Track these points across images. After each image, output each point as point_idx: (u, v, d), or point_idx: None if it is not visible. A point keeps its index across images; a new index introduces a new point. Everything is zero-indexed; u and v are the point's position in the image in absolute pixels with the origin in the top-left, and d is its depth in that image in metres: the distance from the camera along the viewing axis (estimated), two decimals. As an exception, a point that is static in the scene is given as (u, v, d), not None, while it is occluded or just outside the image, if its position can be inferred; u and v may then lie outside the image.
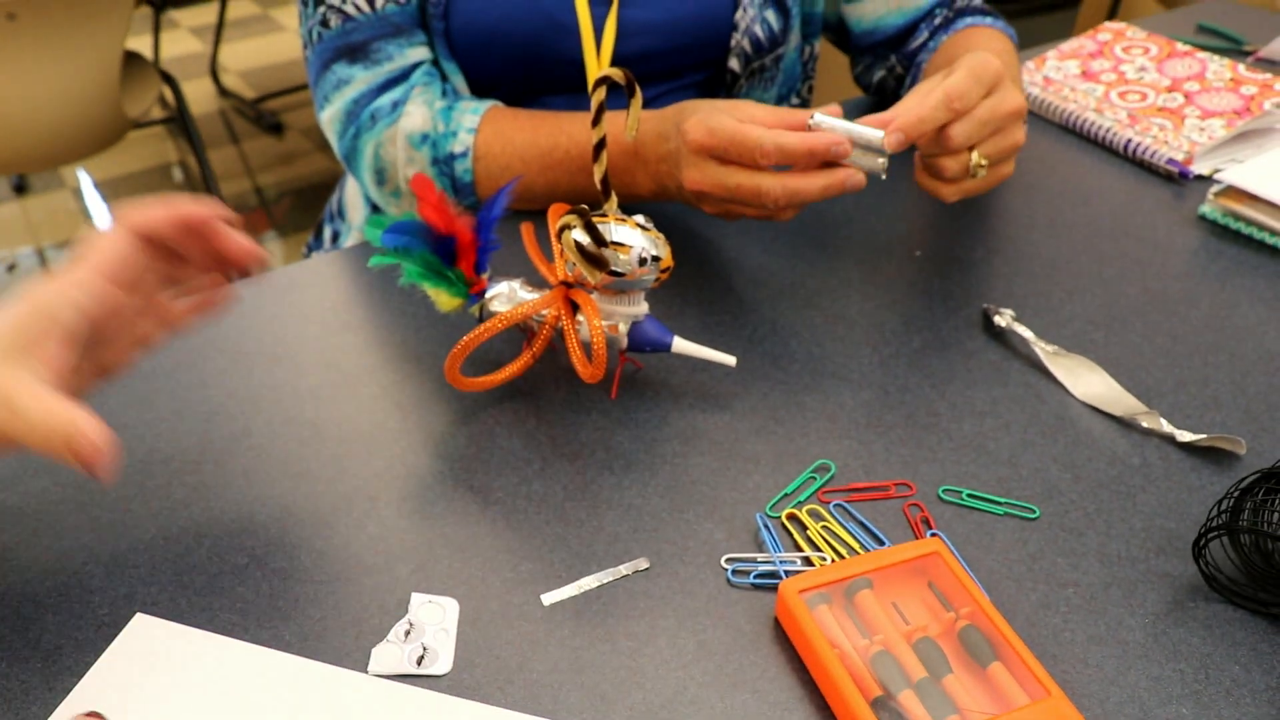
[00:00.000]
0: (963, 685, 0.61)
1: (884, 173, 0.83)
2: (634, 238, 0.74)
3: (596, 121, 0.73)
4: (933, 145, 0.85)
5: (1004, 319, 0.89)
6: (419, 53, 1.05)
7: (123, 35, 2.02)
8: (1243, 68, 1.25)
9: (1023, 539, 0.72)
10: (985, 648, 0.63)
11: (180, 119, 2.47)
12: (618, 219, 0.75)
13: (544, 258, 0.86)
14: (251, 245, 0.67)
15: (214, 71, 3.72)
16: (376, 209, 1.19)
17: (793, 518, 0.72)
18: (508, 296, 0.81)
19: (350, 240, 1.25)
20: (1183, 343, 0.89)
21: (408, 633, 0.64)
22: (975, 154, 0.85)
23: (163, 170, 3.25)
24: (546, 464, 0.77)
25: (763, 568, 0.69)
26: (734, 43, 1.10)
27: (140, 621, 0.65)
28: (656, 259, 0.75)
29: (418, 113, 1.01)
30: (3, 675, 0.62)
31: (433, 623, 0.65)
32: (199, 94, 3.65)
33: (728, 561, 0.69)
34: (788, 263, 0.99)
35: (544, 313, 0.79)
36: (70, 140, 2.07)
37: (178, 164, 3.29)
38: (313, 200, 3.09)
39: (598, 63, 1.07)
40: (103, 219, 3.00)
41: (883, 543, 0.71)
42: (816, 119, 0.83)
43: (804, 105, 1.29)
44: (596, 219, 0.74)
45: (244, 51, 4.01)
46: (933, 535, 0.71)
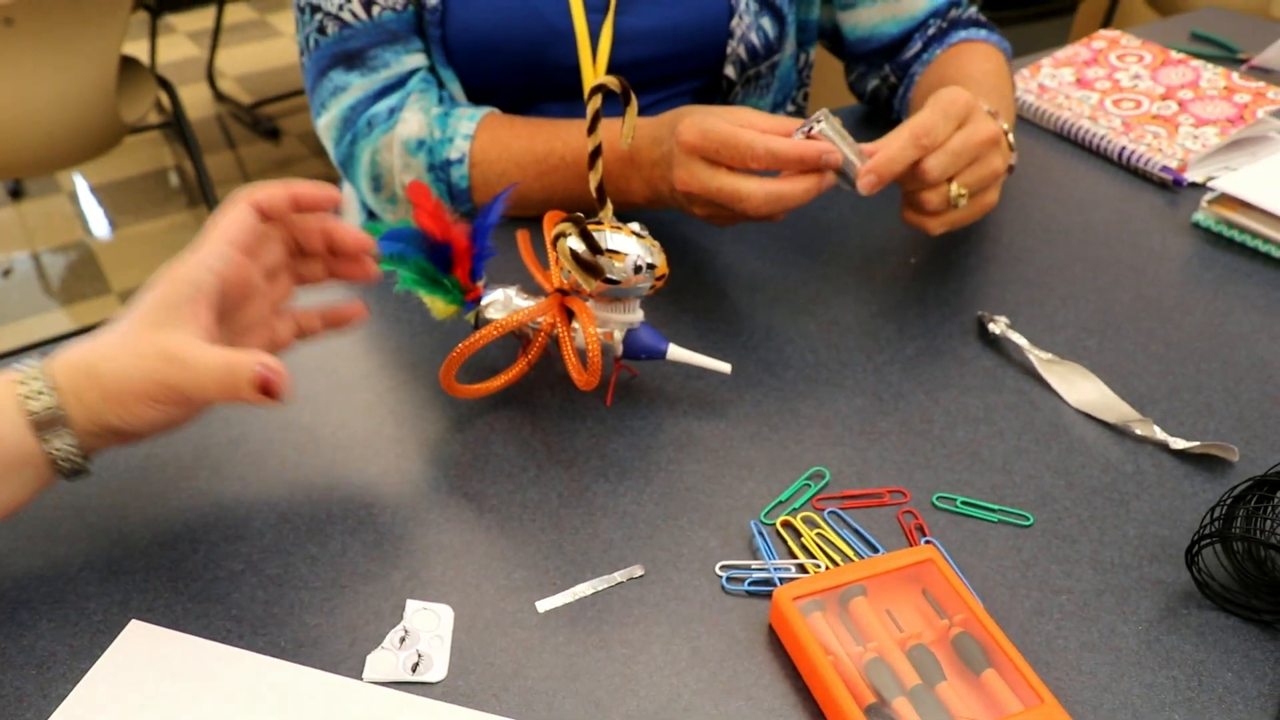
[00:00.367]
0: (956, 692, 0.61)
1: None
2: (629, 245, 0.74)
3: (592, 129, 0.73)
4: (911, 181, 0.86)
5: (998, 326, 0.89)
6: (415, 60, 1.05)
7: (119, 40, 2.02)
8: (1236, 76, 1.26)
9: (1016, 546, 0.72)
10: (979, 655, 0.63)
11: (177, 124, 2.47)
12: (613, 226, 0.75)
13: (539, 265, 0.86)
14: (361, 233, 0.74)
15: (211, 77, 3.72)
16: (372, 215, 1.19)
17: (787, 525, 0.73)
18: (503, 304, 0.81)
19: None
20: (1176, 350, 0.90)
21: (403, 639, 0.65)
22: (954, 185, 0.86)
23: (159, 175, 3.25)
24: (541, 471, 0.77)
25: (757, 575, 0.69)
26: (729, 50, 1.11)
27: (135, 628, 0.65)
28: (652, 266, 0.75)
29: (414, 119, 1.01)
30: (-3, 682, 0.62)
31: (428, 629, 0.65)
32: (196, 99, 3.65)
33: (722, 569, 0.70)
34: (782, 270, 0.99)
35: (539, 320, 0.79)
36: (66, 145, 2.07)
37: (174, 169, 3.29)
38: (309, 205, 3.09)
39: (594, 70, 1.07)
40: (98, 224, 3.00)
41: (877, 550, 0.71)
42: (819, 126, 0.83)
43: (799, 112, 1.29)
44: (592, 227, 0.74)
45: (241, 57, 4.01)
46: (927, 542, 0.71)
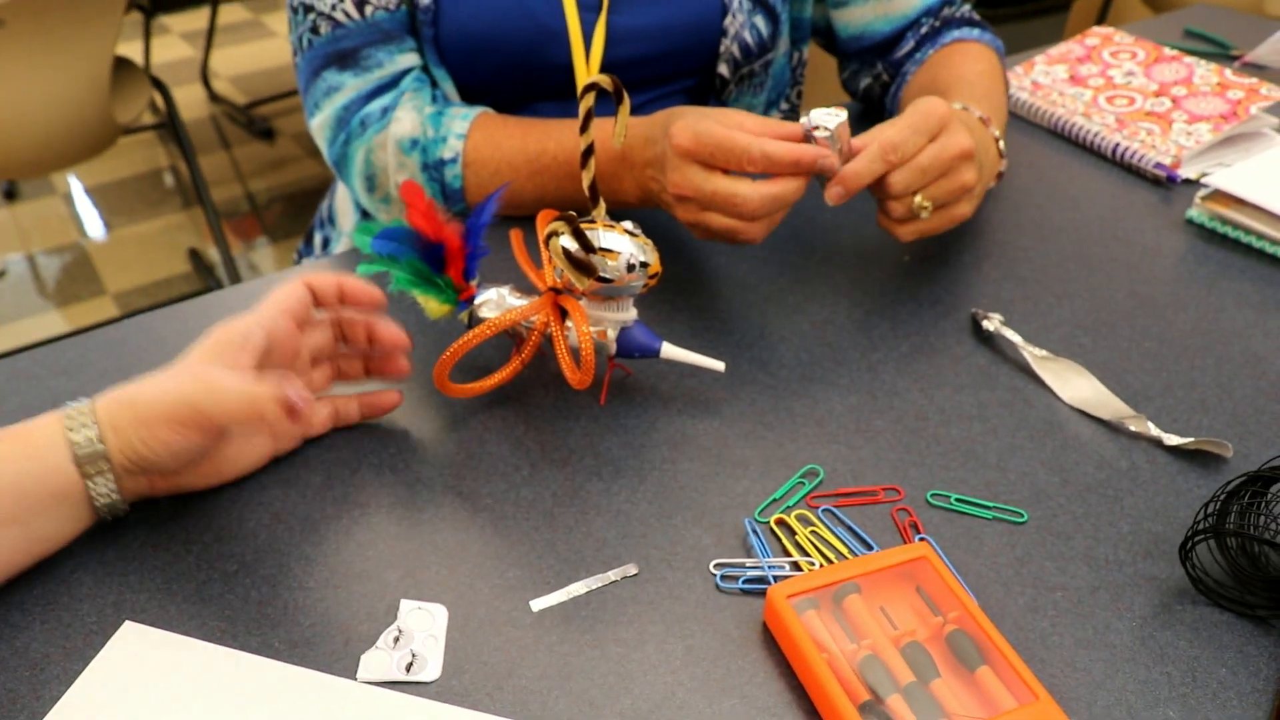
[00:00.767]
0: (950, 689, 0.61)
1: None
2: (622, 244, 0.74)
3: (584, 128, 0.73)
4: (878, 190, 0.87)
5: (992, 323, 0.89)
6: (409, 59, 1.05)
7: (113, 41, 2.02)
8: (1229, 72, 1.26)
9: (1010, 543, 0.72)
10: (973, 652, 0.63)
11: (171, 125, 2.46)
12: (606, 225, 0.75)
13: (533, 264, 0.86)
14: (399, 332, 0.80)
15: (205, 77, 3.72)
16: (367, 215, 1.19)
17: (781, 523, 0.73)
18: (496, 303, 0.81)
19: (340, 246, 1.25)
20: (1170, 346, 0.90)
21: (397, 639, 0.64)
22: (918, 197, 0.87)
23: (154, 176, 3.24)
24: (535, 470, 0.77)
25: (751, 573, 0.69)
26: (723, 48, 1.11)
27: (129, 629, 0.65)
28: (645, 265, 0.75)
29: (407, 118, 1.01)
30: (-10, 684, 0.62)
31: (421, 629, 0.65)
32: (190, 100, 3.65)
33: (716, 567, 0.70)
34: (776, 268, 0.99)
35: (533, 319, 0.79)
36: (61, 146, 2.06)
37: (169, 169, 3.29)
38: (304, 206, 3.09)
39: (587, 69, 1.07)
40: (93, 225, 3.00)
41: (871, 547, 0.71)
42: (824, 134, 0.84)
43: (793, 110, 1.29)
44: (584, 225, 0.74)
45: (235, 57, 4.01)
46: (921, 540, 0.71)
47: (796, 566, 0.69)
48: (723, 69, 1.12)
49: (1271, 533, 0.67)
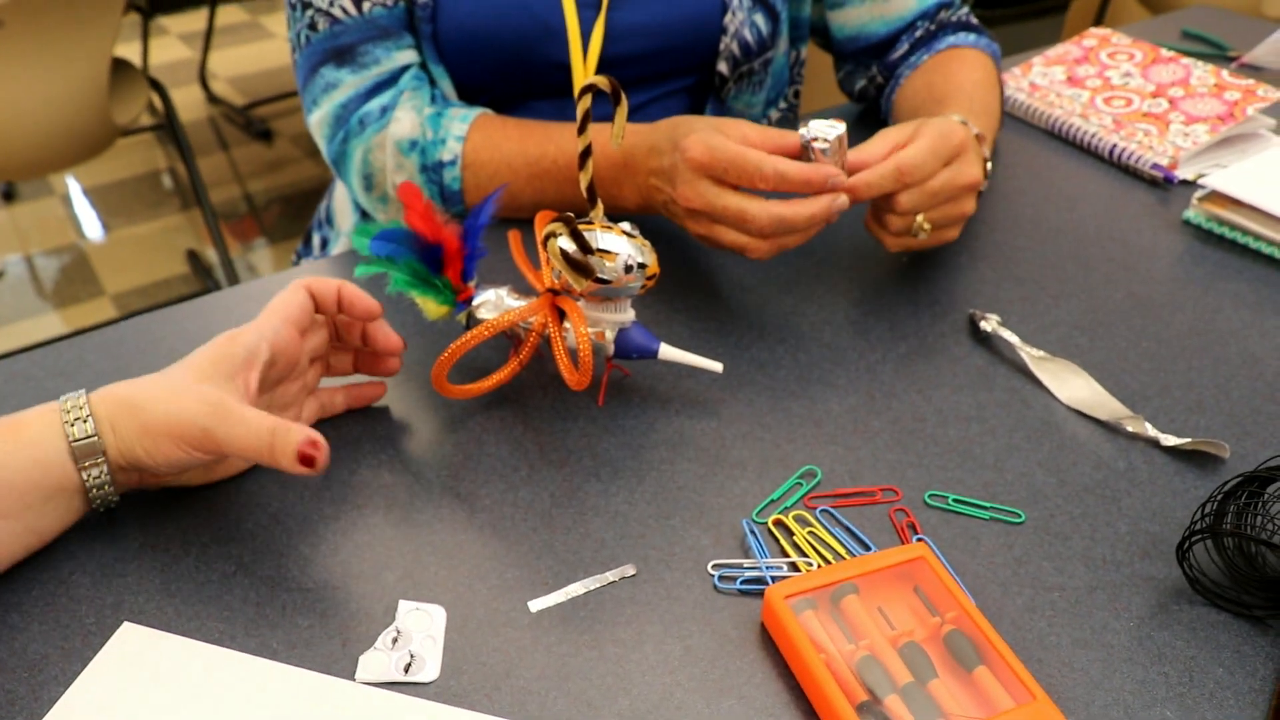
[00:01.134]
0: (948, 690, 0.61)
1: None
2: (620, 245, 0.74)
3: (582, 129, 0.73)
4: (882, 202, 0.88)
5: (990, 324, 0.90)
6: (407, 56, 1.05)
7: (111, 42, 2.02)
8: (1226, 73, 1.26)
9: (1008, 543, 0.72)
10: (970, 652, 0.63)
11: (169, 126, 2.46)
12: (604, 226, 0.75)
13: (531, 265, 0.86)
14: (395, 337, 0.80)
15: (203, 78, 3.72)
16: (366, 216, 1.19)
17: (779, 523, 0.73)
18: (494, 304, 0.81)
19: (339, 247, 1.25)
20: (1167, 347, 0.90)
21: (395, 640, 0.65)
22: (920, 217, 0.88)
23: (152, 177, 3.24)
24: (534, 471, 0.77)
25: (749, 573, 0.69)
26: (723, 46, 1.11)
27: (127, 630, 0.65)
28: (642, 266, 0.75)
29: (406, 119, 1.01)
30: (-11, 685, 0.62)
31: (420, 630, 0.65)
32: (188, 101, 3.65)
33: (714, 567, 0.70)
34: (774, 269, 0.99)
35: (531, 320, 0.79)
36: (59, 148, 2.06)
37: (167, 171, 3.29)
38: (302, 207, 3.09)
39: (584, 66, 1.07)
40: (91, 227, 3.00)
41: (869, 548, 0.71)
42: (823, 145, 0.84)
43: (791, 110, 1.30)
44: (582, 226, 0.74)
45: (233, 58, 4.01)
46: (918, 540, 0.71)
47: (794, 567, 0.70)
48: (722, 67, 1.12)
49: (1268, 533, 0.67)
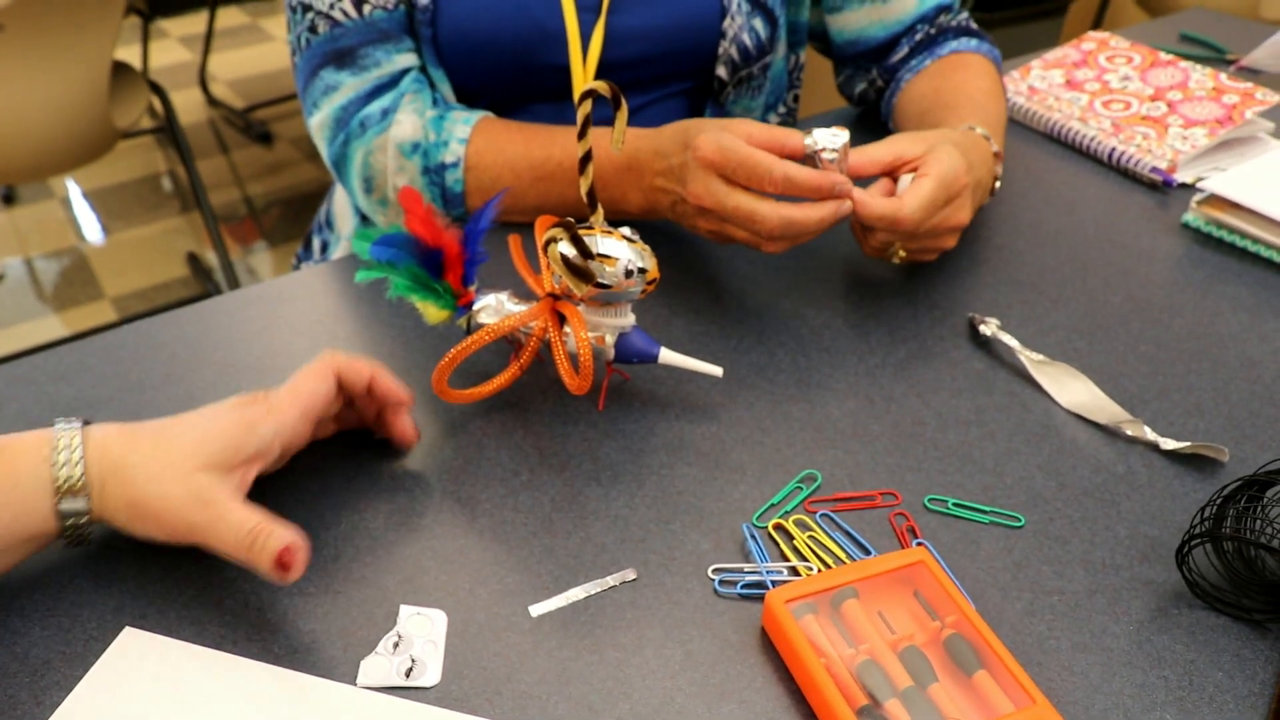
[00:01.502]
0: (948, 694, 0.61)
1: None
2: (620, 250, 0.74)
3: (582, 134, 0.73)
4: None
5: (989, 328, 0.90)
6: (407, 59, 1.05)
7: (111, 45, 2.02)
8: (1225, 77, 1.26)
9: (1008, 547, 0.72)
10: (970, 656, 0.63)
11: (169, 129, 2.46)
12: (604, 231, 0.75)
13: (531, 270, 0.86)
14: (412, 429, 0.77)
15: (203, 81, 3.72)
16: (365, 219, 1.19)
17: (779, 528, 0.73)
18: (495, 309, 0.81)
19: (339, 251, 1.25)
20: (1166, 350, 0.90)
21: (396, 645, 0.65)
22: (897, 244, 0.91)
23: (152, 180, 3.24)
24: (534, 475, 0.77)
25: (749, 578, 0.69)
26: (721, 50, 1.11)
27: (129, 635, 0.65)
28: (643, 271, 0.75)
29: (408, 121, 1.01)
30: (-9, 690, 0.62)
31: (421, 635, 0.65)
32: (188, 104, 3.65)
33: (714, 572, 0.70)
34: (773, 273, 0.99)
35: (531, 325, 0.79)
36: (59, 151, 2.06)
37: (167, 174, 3.29)
38: (302, 210, 3.09)
39: (583, 70, 1.07)
40: (91, 230, 3.00)
41: (869, 552, 0.71)
42: (829, 155, 0.86)
43: (790, 115, 1.30)
44: (582, 231, 0.74)
45: (233, 61, 4.01)
46: (918, 544, 0.72)
47: (794, 571, 0.70)
48: (721, 71, 1.12)
49: (1267, 537, 0.67)
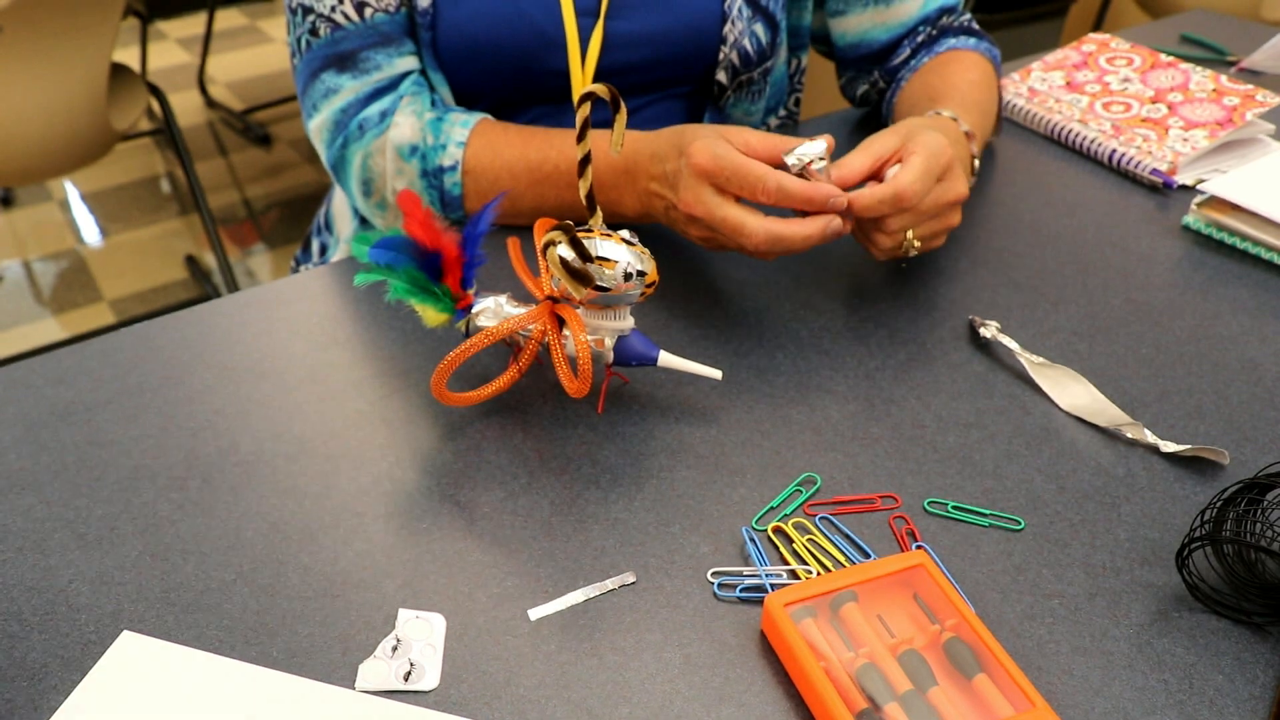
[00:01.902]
0: (948, 697, 0.61)
1: None
2: (619, 253, 0.74)
3: (581, 137, 0.73)
4: (870, 223, 0.89)
5: (989, 330, 0.90)
6: (408, 62, 1.05)
7: (110, 47, 2.02)
8: (1225, 78, 1.26)
9: (1008, 550, 0.72)
10: (970, 660, 0.63)
11: (168, 131, 2.46)
12: (603, 234, 0.75)
13: (530, 273, 0.86)
14: None
15: (202, 83, 3.72)
16: (364, 222, 1.19)
17: (779, 531, 0.73)
18: (494, 312, 0.81)
19: (338, 254, 1.25)
20: (1166, 353, 0.90)
21: (395, 648, 0.64)
22: (910, 234, 0.89)
23: (150, 183, 3.24)
24: (533, 478, 0.77)
25: (749, 581, 0.69)
26: (722, 56, 1.11)
27: (127, 639, 0.65)
28: (642, 274, 0.75)
29: (407, 124, 1.01)
30: (-12, 694, 0.62)
31: (420, 638, 0.65)
32: (187, 106, 3.65)
33: (714, 575, 0.70)
34: (773, 276, 0.99)
35: (530, 328, 0.79)
36: (57, 153, 2.06)
37: (165, 176, 3.29)
38: (301, 212, 3.09)
39: (582, 75, 1.07)
40: (90, 232, 2.99)
41: (868, 555, 0.71)
42: (819, 165, 0.85)
43: (791, 118, 1.30)
44: (581, 234, 0.74)
45: (232, 63, 4.01)
46: (918, 547, 0.71)
47: (794, 575, 0.70)
48: (721, 76, 1.12)
49: (1268, 540, 0.67)
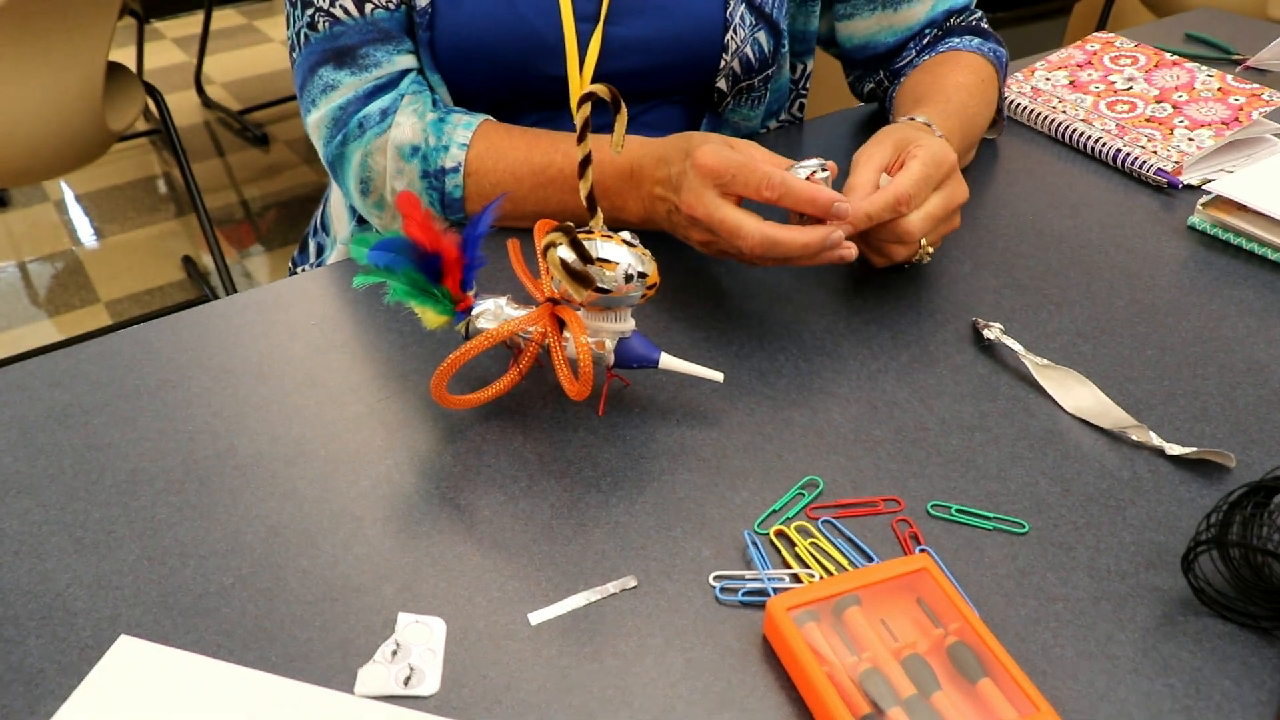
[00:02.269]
0: (952, 702, 0.61)
1: None
2: (620, 254, 0.74)
3: (581, 138, 0.72)
4: (884, 232, 0.89)
5: (993, 332, 0.89)
6: (407, 60, 1.04)
7: (106, 47, 2.01)
8: (1231, 77, 1.26)
9: (1012, 554, 0.71)
10: (974, 664, 0.62)
11: (165, 131, 2.46)
12: (603, 235, 0.75)
13: (530, 274, 0.86)
14: None
15: (199, 83, 3.71)
16: (362, 223, 1.19)
17: (781, 534, 0.72)
18: (494, 314, 0.81)
19: (335, 255, 1.24)
20: (1172, 354, 0.89)
21: (394, 653, 0.64)
22: (924, 242, 0.90)
23: (147, 183, 3.23)
24: (533, 482, 0.76)
25: (751, 585, 0.68)
26: (723, 65, 1.10)
27: (125, 643, 0.64)
28: (643, 275, 0.75)
29: (408, 124, 1.01)
30: (-17, 700, 0.61)
31: (419, 643, 0.65)
32: (183, 106, 3.64)
33: (716, 579, 0.69)
34: (774, 278, 0.98)
35: (530, 330, 0.79)
36: (53, 154, 2.05)
37: (162, 176, 3.28)
38: (299, 213, 3.08)
39: (580, 80, 1.07)
40: (85, 233, 2.99)
41: (871, 559, 0.71)
42: (822, 174, 0.86)
43: (794, 123, 1.30)
44: (582, 236, 0.74)
45: (229, 63, 4.00)
46: (921, 551, 0.71)
47: (796, 579, 0.69)
48: (721, 84, 1.12)
49: (1275, 543, 0.66)
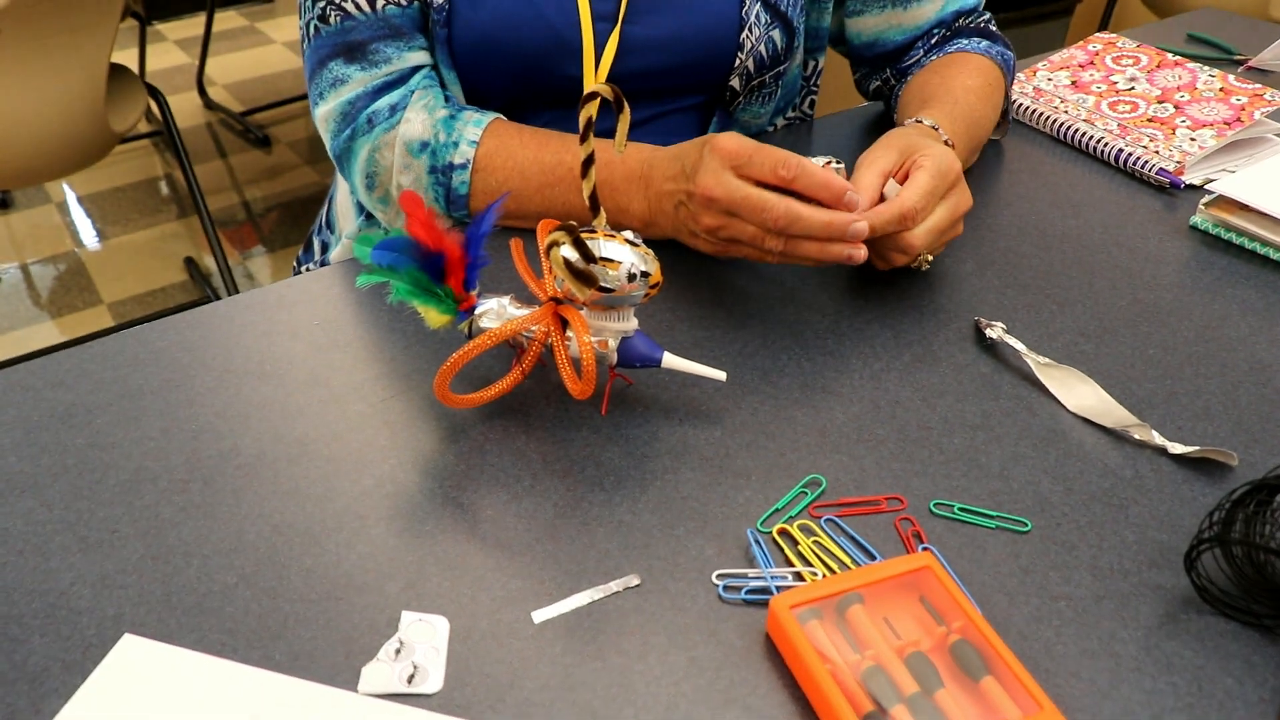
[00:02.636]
0: (955, 700, 0.61)
1: None
2: (623, 253, 0.74)
3: (584, 138, 0.72)
4: (888, 241, 0.90)
5: (995, 331, 0.89)
6: (418, 57, 1.04)
7: (108, 49, 2.01)
8: (1233, 77, 1.26)
9: (1014, 552, 0.72)
10: (977, 662, 0.62)
11: (167, 133, 2.46)
12: (606, 234, 0.75)
13: (533, 274, 0.86)
14: None
15: (201, 85, 3.71)
16: (370, 218, 1.19)
17: (784, 533, 0.72)
18: (497, 313, 0.81)
19: (337, 251, 1.24)
20: (1174, 354, 0.89)
21: (398, 651, 0.64)
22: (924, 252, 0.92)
23: (149, 185, 3.24)
24: (536, 481, 0.76)
25: (754, 583, 0.68)
26: (738, 63, 1.10)
27: (128, 642, 0.64)
28: (645, 275, 0.75)
29: (417, 120, 1.01)
30: (-12, 698, 0.61)
31: (423, 641, 0.65)
32: (186, 107, 3.65)
33: (719, 577, 0.69)
34: (777, 277, 0.98)
35: (533, 329, 0.79)
36: (55, 155, 2.06)
37: (164, 178, 3.28)
38: (301, 214, 3.08)
39: (595, 79, 1.07)
40: (88, 235, 2.99)
41: (874, 557, 0.71)
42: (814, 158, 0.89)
43: (804, 119, 1.30)
44: (585, 235, 0.74)
45: (231, 64, 4.00)
46: (924, 549, 0.71)
47: (799, 577, 0.69)
48: (734, 82, 1.12)
49: (1277, 541, 0.66)
